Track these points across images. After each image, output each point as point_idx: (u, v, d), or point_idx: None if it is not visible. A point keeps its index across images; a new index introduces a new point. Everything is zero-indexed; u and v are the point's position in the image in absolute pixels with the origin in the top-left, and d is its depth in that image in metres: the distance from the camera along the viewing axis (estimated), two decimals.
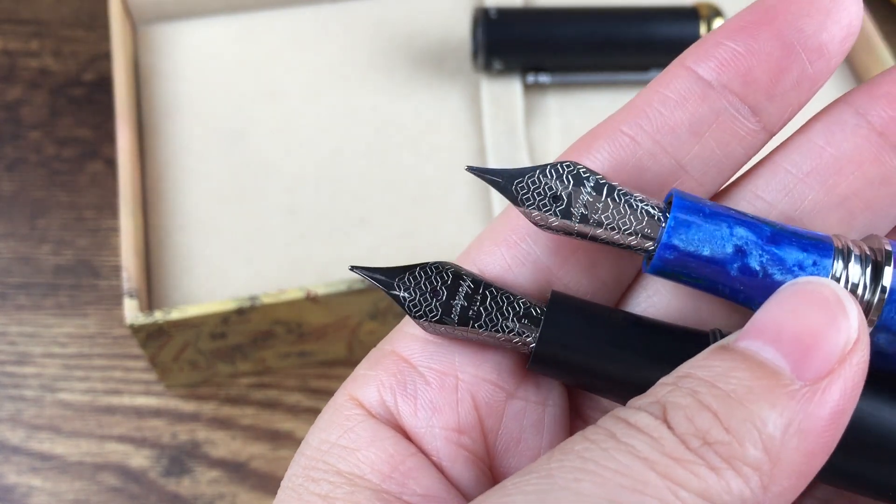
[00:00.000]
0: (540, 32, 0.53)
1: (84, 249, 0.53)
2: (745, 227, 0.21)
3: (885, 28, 0.56)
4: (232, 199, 0.51)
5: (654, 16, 0.54)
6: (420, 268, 0.22)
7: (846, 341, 0.18)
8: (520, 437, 0.22)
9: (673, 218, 0.20)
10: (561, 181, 0.21)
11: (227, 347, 0.47)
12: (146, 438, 0.48)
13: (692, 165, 0.22)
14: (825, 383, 0.17)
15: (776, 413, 0.17)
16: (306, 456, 0.21)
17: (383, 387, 0.22)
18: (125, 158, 0.48)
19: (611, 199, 0.21)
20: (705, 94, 0.21)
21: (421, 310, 0.21)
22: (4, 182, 0.55)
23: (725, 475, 0.17)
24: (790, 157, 0.22)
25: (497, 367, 0.22)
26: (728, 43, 0.21)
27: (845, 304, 0.18)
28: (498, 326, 0.21)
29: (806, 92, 0.21)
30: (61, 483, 0.47)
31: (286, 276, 0.49)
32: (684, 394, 0.18)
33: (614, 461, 0.17)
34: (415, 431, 0.21)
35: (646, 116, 0.22)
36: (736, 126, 0.22)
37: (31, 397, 0.49)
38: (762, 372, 0.18)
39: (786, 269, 0.20)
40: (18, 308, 0.52)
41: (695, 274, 0.21)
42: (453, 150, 0.53)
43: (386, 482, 0.20)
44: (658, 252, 0.21)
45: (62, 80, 0.59)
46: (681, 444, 0.17)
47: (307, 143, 0.53)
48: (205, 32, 0.57)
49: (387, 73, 0.56)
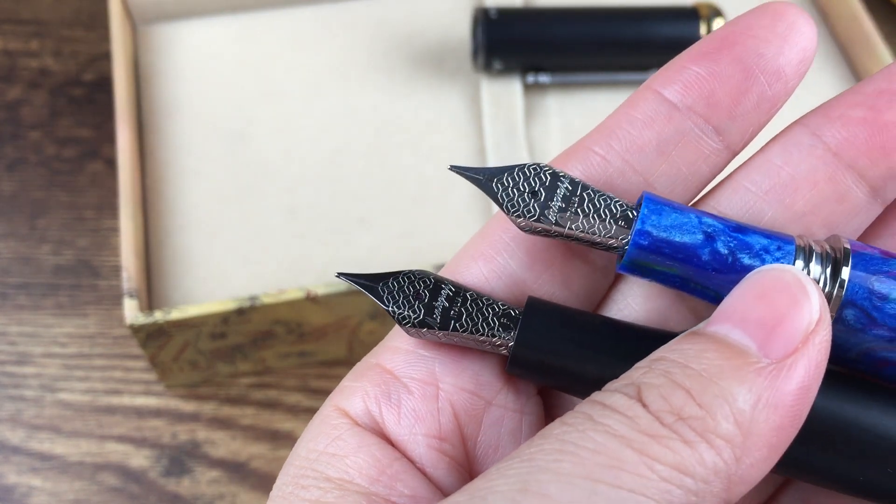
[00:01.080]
0: (540, 32, 0.54)
1: (84, 249, 0.53)
2: (712, 217, 0.22)
3: (885, 28, 0.56)
4: (232, 199, 0.51)
5: (654, 16, 0.54)
6: (403, 274, 0.23)
7: (809, 322, 0.19)
8: (498, 443, 0.23)
9: (645, 206, 0.21)
10: (539, 178, 0.22)
11: (227, 347, 0.47)
12: (146, 438, 0.48)
13: (659, 183, 0.23)
14: (790, 361, 0.18)
15: (745, 389, 0.18)
16: (295, 465, 0.22)
17: (368, 397, 0.23)
18: (125, 158, 0.48)
19: (586, 195, 0.22)
20: (671, 116, 0.23)
21: (404, 312, 0.22)
22: (4, 182, 0.55)
23: (699, 448, 0.18)
24: (750, 176, 0.23)
25: (476, 376, 0.23)
26: (692, 67, 0.22)
27: (807, 288, 0.19)
28: (478, 326, 0.22)
29: (766, 113, 0.23)
30: (61, 483, 0.47)
31: (286, 276, 0.49)
32: (658, 374, 0.19)
33: (592, 441, 0.18)
34: (399, 439, 0.22)
35: (615, 137, 0.23)
36: (701, 145, 0.23)
37: (31, 397, 0.49)
38: (731, 352, 0.19)
39: (753, 254, 0.21)
40: (18, 308, 0.52)
41: (667, 262, 0.21)
42: (453, 150, 0.53)
43: (374, 485, 0.21)
44: (633, 239, 0.21)
45: (62, 80, 0.59)
46: (655, 420, 0.18)
47: (307, 143, 0.53)
48: (205, 32, 0.57)
49: (387, 73, 0.56)
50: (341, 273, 0.23)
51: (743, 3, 0.58)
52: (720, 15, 0.54)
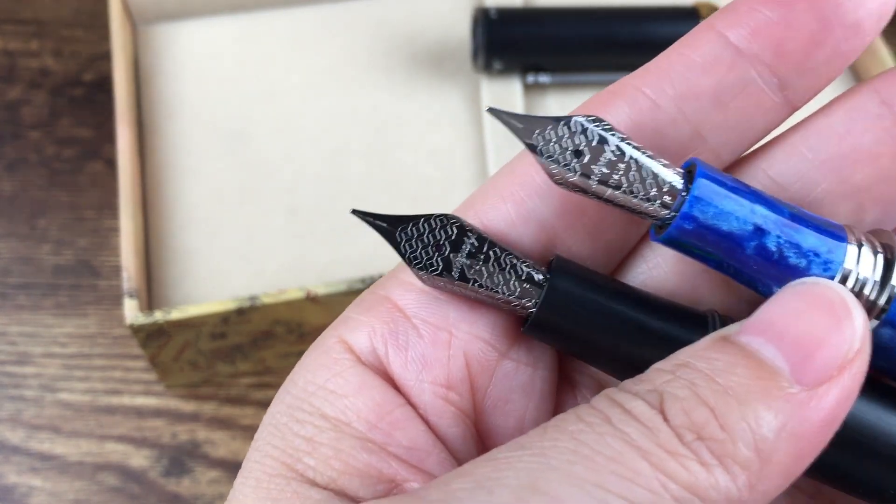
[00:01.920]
0: (540, 32, 0.53)
1: (84, 249, 0.53)
2: (766, 205, 0.20)
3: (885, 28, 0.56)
4: (232, 199, 0.51)
5: (654, 16, 0.54)
6: (424, 219, 0.21)
7: (848, 349, 0.18)
8: (508, 397, 0.22)
9: (696, 188, 0.20)
10: (584, 136, 0.20)
11: (227, 347, 0.47)
12: (146, 438, 0.48)
13: (711, 135, 0.21)
14: (823, 390, 0.17)
15: (772, 415, 0.17)
16: (291, 395, 0.21)
17: (375, 334, 0.21)
18: (125, 158, 0.48)
19: (634, 162, 0.20)
20: (734, 62, 0.21)
21: (422, 262, 0.21)
22: (4, 182, 0.55)
23: (715, 472, 0.17)
24: (808, 141, 0.21)
25: (492, 326, 0.22)
26: (763, 10, 0.20)
27: (852, 311, 0.18)
28: (498, 288, 0.21)
29: (836, 69, 0.21)
30: (61, 483, 0.47)
31: (286, 276, 0.49)
32: (682, 385, 0.18)
33: (609, 447, 0.17)
34: (403, 383, 0.21)
35: (669, 79, 0.21)
36: (761, 98, 0.21)
37: (31, 397, 0.49)
38: (761, 371, 0.17)
39: (801, 254, 0.20)
40: (18, 308, 0.52)
41: (709, 248, 0.20)
42: (453, 150, 0.53)
43: (372, 431, 0.20)
44: (676, 222, 0.20)
45: (62, 80, 0.59)
46: (675, 436, 0.17)
47: (307, 143, 0.53)
48: (205, 32, 0.57)
49: (387, 73, 0.56)
50: (357, 210, 0.21)
51: None
52: None
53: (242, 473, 0.21)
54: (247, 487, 0.20)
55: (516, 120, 0.20)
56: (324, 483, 0.20)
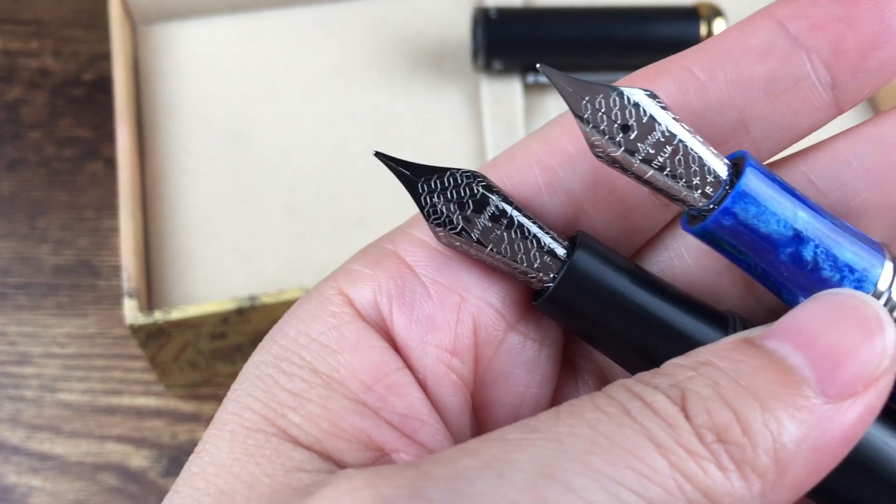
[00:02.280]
0: (540, 32, 0.53)
1: (84, 249, 0.53)
2: (809, 212, 0.19)
3: None
4: (232, 199, 0.51)
5: (654, 16, 0.54)
6: (451, 173, 0.20)
7: (878, 365, 0.17)
8: (511, 371, 0.21)
9: (743, 183, 0.19)
10: (636, 111, 0.19)
11: (227, 347, 0.47)
12: (146, 438, 0.48)
13: (756, 127, 0.21)
14: (847, 405, 0.17)
15: (794, 424, 0.17)
16: (280, 345, 0.20)
17: (380, 289, 0.20)
18: (125, 158, 0.48)
19: (682, 146, 0.19)
20: (790, 54, 0.20)
21: (441, 219, 0.20)
22: (4, 182, 0.55)
23: (731, 477, 0.16)
24: (856, 149, 0.21)
25: (503, 295, 0.21)
26: (827, 5, 0.20)
27: (884, 325, 0.17)
28: (517, 257, 0.20)
29: (888, 76, 0.20)
30: (61, 483, 0.47)
31: (286, 276, 0.49)
32: (705, 384, 0.17)
33: (627, 440, 0.16)
34: (405, 344, 0.20)
35: (721, 62, 0.20)
36: (812, 96, 0.20)
37: (30, 397, 0.49)
38: (787, 379, 0.17)
39: (836, 267, 0.19)
40: (18, 308, 0.51)
41: (742, 246, 0.19)
42: (453, 150, 0.53)
43: (366, 393, 0.19)
44: (714, 215, 0.19)
45: (62, 80, 0.59)
46: (696, 436, 0.17)
47: (307, 143, 0.53)
48: (205, 32, 0.57)
49: (387, 73, 0.56)
50: (379, 153, 0.20)
51: (742, 3, 0.58)
52: (720, 15, 0.53)
53: (216, 424, 0.19)
54: (221, 441, 0.19)
55: (567, 83, 0.19)
56: (307, 443, 0.19)
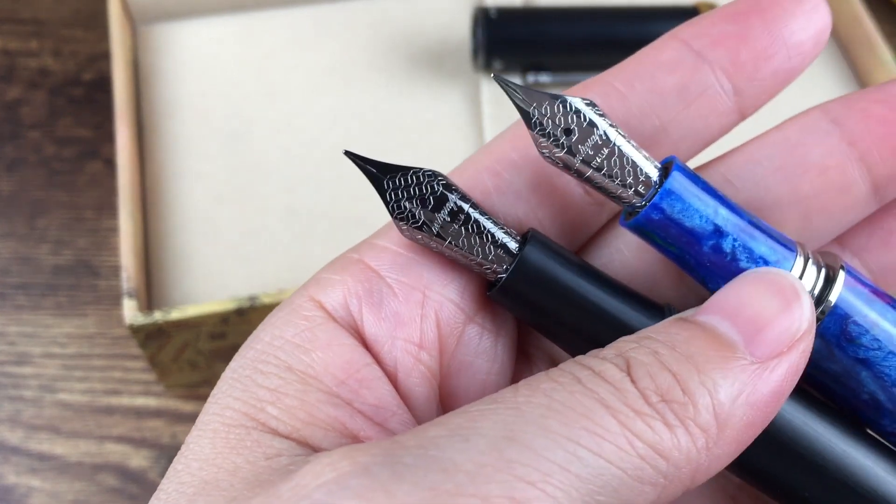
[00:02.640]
0: (540, 32, 0.53)
1: (83, 249, 0.53)
2: (729, 209, 0.22)
3: (885, 28, 0.56)
4: (232, 199, 0.51)
5: (654, 16, 0.54)
6: (413, 172, 0.22)
7: (797, 329, 0.19)
8: (472, 361, 0.23)
9: (669, 182, 0.21)
10: (577, 117, 0.21)
11: (226, 347, 0.47)
12: (146, 439, 0.48)
13: (673, 131, 0.23)
14: (773, 363, 0.19)
15: (728, 382, 0.19)
16: (256, 349, 0.21)
17: (349, 292, 0.22)
18: (125, 158, 0.48)
19: (617, 149, 0.21)
20: (697, 66, 0.23)
21: (404, 213, 0.21)
22: (4, 182, 0.55)
23: (678, 432, 0.18)
24: (764, 150, 0.23)
25: (461, 290, 0.22)
26: (722, 24, 0.23)
27: (801, 296, 0.20)
28: (473, 250, 0.21)
29: (780, 83, 0.23)
30: (61, 483, 0.47)
31: (286, 276, 0.49)
32: (647, 353, 0.19)
33: (580, 405, 0.18)
34: (375, 340, 0.21)
35: (639, 76, 0.23)
36: (718, 102, 0.23)
37: (30, 397, 0.49)
38: (718, 343, 0.19)
39: (752, 258, 0.21)
40: (18, 308, 0.51)
41: (670, 239, 0.22)
42: (453, 150, 0.53)
43: (339, 387, 0.20)
44: (645, 211, 0.21)
45: (62, 80, 0.59)
46: (641, 398, 0.18)
47: (307, 143, 0.53)
48: (205, 32, 0.57)
49: (387, 73, 0.56)
50: (348, 152, 0.22)
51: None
52: None
53: (198, 427, 0.21)
54: (203, 439, 0.20)
55: (517, 91, 0.21)
56: (286, 432, 0.20)
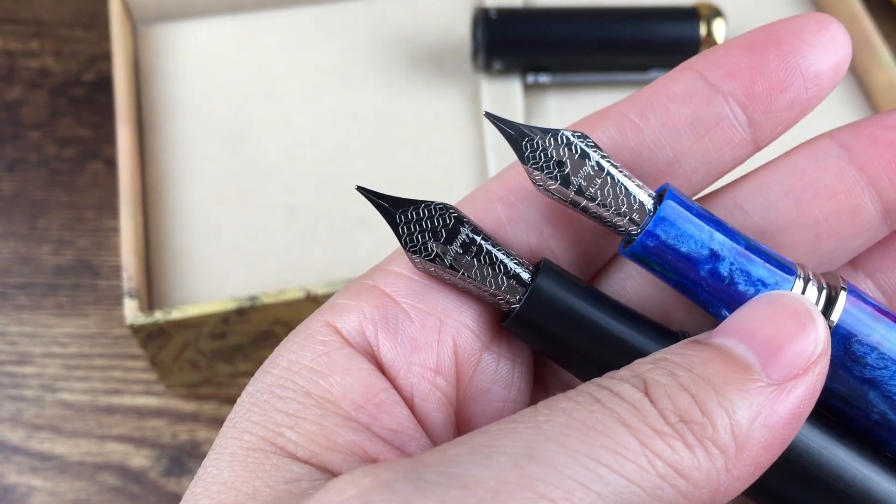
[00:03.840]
0: (540, 32, 0.54)
1: (84, 249, 0.53)
2: (724, 233, 0.22)
3: (885, 28, 0.56)
4: (232, 199, 0.51)
5: (654, 16, 0.54)
6: (425, 205, 0.22)
7: (812, 351, 0.19)
8: (489, 388, 0.23)
9: (663, 209, 0.21)
10: (568, 149, 0.22)
11: (227, 347, 0.47)
12: (146, 438, 0.48)
13: (686, 162, 0.23)
14: (790, 385, 0.19)
15: (746, 403, 0.19)
16: (273, 374, 0.21)
17: (365, 317, 0.22)
18: (125, 158, 0.48)
19: (610, 178, 0.22)
20: (710, 98, 0.23)
21: (417, 246, 0.22)
22: (4, 182, 0.55)
23: (697, 452, 0.18)
24: (774, 175, 0.24)
25: (477, 316, 0.23)
26: (738, 55, 0.23)
27: (815, 318, 0.20)
28: (486, 281, 0.22)
29: (797, 115, 0.23)
30: (61, 483, 0.47)
31: (286, 276, 0.49)
32: (664, 373, 0.19)
33: (600, 423, 0.18)
34: (391, 365, 0.22)
35: (652, 108, 0.23)
36: (732, 134, 0.23)
37: (31, 397, 0.49)
38: (735, 365, 0.19)
39: (750, 281, 0.22)
40: (18, 308, 0.52)
41: (667, 265, 0.22)
42: (453, 150, 0.53)
43: (357, 412, 0.21)
44: (640, 238, 0.22)
45: (62, 80, 0.59)
46: (661, 417, 0.18)
47: (307, 143, 0.53)
48: (205, 32, 0.57)
49: (386, 73, 0.56)
50: (361, 187, 0.22)
51: (742, 3, 0.58)
52: (720, 15, 0.54)
53: (215, 451, 0.21)
54: (222, 462, 0.20)
55: (509, 127, 0.22)
56: (305, 457, 0.20)
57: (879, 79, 0.54)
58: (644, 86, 0.24)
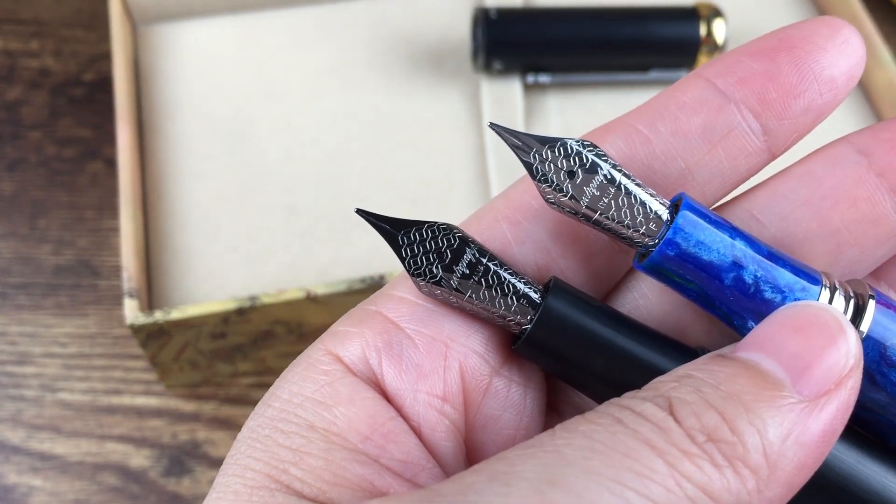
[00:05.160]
0: (540, 32, 0.53)
1: (84, 249, 0.53)
2: (745, 241, 0.21)
3: (885, 28, 0.56)
4: (232, 199, 0.51)
5: (654, 16, 0.54)
6: (428, 226, 0.21)
7: (844, 364, 0.18)
8: (500, 414, 0.22)
9: (681, 216, 0.21)
10: (579, 159, 0.21)
11: (227, 347, 0.47)
12: (146, 438, 0.48)
13: (699, 173, 0.22)
14: (823, 401, 0.18)
15: (777, 421, 0.18)
16: (274, 408, 0.20)
17: (368, 345, 0.21)
18: (125, 158, 0.48)
19: (623, 189, 0.21)
20: (722, 106, 0.22)
21: (421, 269, 0.21)
22: (5, 182, 0.55)
23: (727, 473, 0.17)
24: (789, 184, 0.23)
25: (486, 341, 0.22)
26: (749, 62, 0.22)
27: (846, 330, 0.19)
28: (494, 302, 0.21)
29: (812, 120, 0.22)
30: (61, 483, 0.47)
31: (286, 276, 0.49)
32: (689, 391, 0.18)
33: (623, 445, 0.17)
34: (397, 394, 0.21)
35: (662, 118, 0.22)
36: (746, 142, 0.22)
37: (31, 397, 0.49)
38: (765, 381, 0.18)
39: (776, 289, 0.21)
40: (18, 308, 0.52)
41: (689, 276, 0.21)
42: (453, 150, 0.53)
43: (365, 443, 0.20)
44: (659, 248, 0.21)
45: (62, 80, 0.59)
46: (687, 437, 0.17)
47: (307, 143, 0.53)
48: (205, 32, 0.57)
49: (386, 73, 0.56)
50: (361, 210, 0.21)
51: (743, 3, 0.58)
52: (720, 15, 0.54)
53: (216, 489, 0.20)
54: (224, 501, 0.19)
55: (515, 137, 0.21)
56: (312, 495, 0.19)
57: (879, 79, 0.54)
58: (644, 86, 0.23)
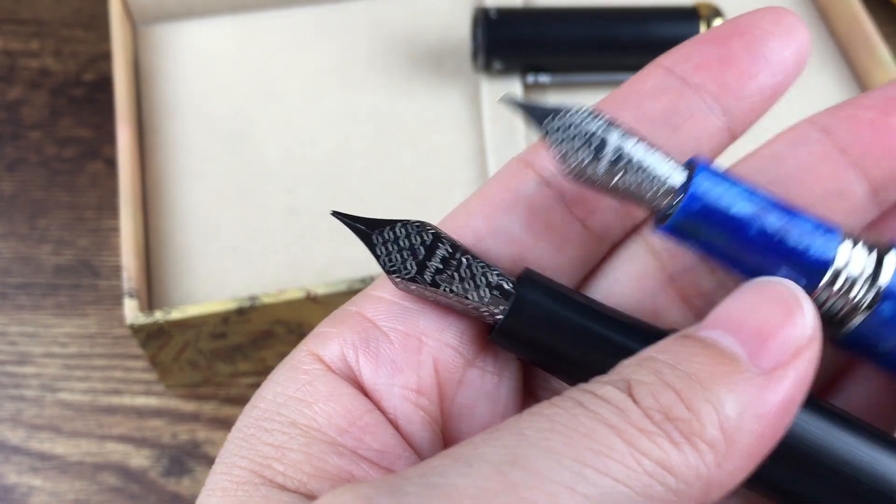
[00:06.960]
0: (540, 32, 0.54)
1: (84, 249, 0.53)
2: (762, 193, 0.21)
3: (885, 29, 0.56)
4: (232, 199, 0.51)
5: (653, 16, 0.54)
6: (402, 224, 0.22)
7: (801, 336, 0.19)
8: (474, 404, 0.23)
9: (702, 169, 0.21)
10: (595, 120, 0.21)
11: (227, 347, 0.47)
12: (146, 438, 0.48)
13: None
14: (779, 373, 0.19)
15: (733, 396, 0.18)
16: (259, 408, 0.21)
17: (345, 343, 0.22)
18: (125, 158, 0.48)
19: (641, 145, 0.21)
20: (682, 91, 0.23)
21: (396, 266, 0.22)
22: (4, 182, 0.55)
23: (684, 449, 0.18)
24: (755, 164, 0.24)
25: (460, 334, 0.23)
26: (703, 48, 0.23)
27: (802, 303, 0.19)
28: (468, 294, 0.21)
29: (767, 100, 0.23)
30: (61, 483, 0.47)
31: (286, 276, 0.49)
32: (648, 372, 0.19)
33: (583, 425, 0.18)
34: (374, 388, 0.22)
35: (625, 106, 0.23)
36: (707, 123, 0.23)
37: (31, 397, 0.49)
38: (721, 358, 0.19)
39: (800, 235, 0.21)
40: (18, 308, 0.52)
41: (714, 229, 0.21)
42: (453, 150, 0.53)
43: (342, 436, 0.21)
44: (684, 202, 0.21)
45: (62, 80, 0.59)
46: (645, 416, 0.18)
47: (307, 143, 0.53)
48: (205, 32, 0.57)
49: (386, 73, 0.56)
50: (336, 212, 0.22)
51: (742, 3, 0.58)
52: (720, 15, 0.54)
53: (207, 487, 0.21)
54: (213, 498, 0.20)
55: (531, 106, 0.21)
56: (294, 487, 0.20)
57: (879, 79, 0.54)
58: None
